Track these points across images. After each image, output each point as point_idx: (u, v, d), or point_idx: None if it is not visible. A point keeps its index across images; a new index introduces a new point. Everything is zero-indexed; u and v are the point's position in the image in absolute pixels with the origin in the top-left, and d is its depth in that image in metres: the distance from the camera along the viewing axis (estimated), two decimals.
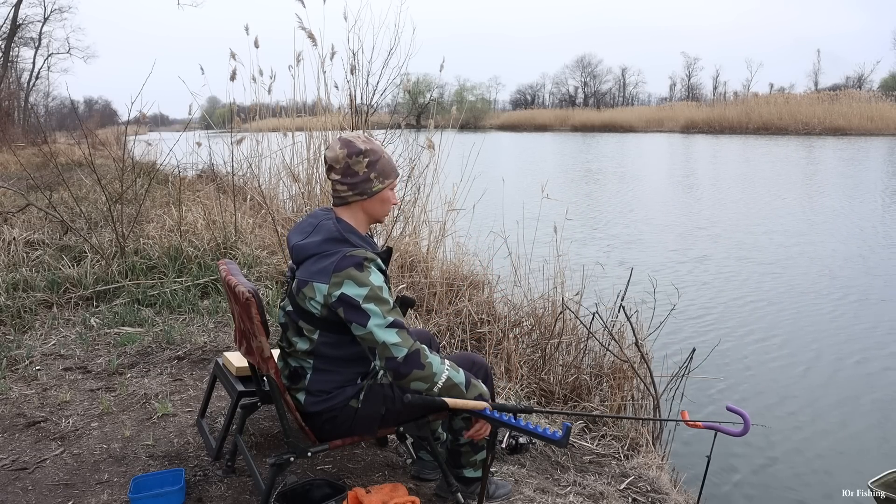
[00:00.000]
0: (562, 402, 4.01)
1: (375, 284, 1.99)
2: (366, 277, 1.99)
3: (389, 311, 1.99)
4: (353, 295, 1.97)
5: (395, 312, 2.01)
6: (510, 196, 7.66)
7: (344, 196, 2.13)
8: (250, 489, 2.48)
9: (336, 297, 1.98)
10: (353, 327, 2.00)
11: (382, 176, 2.13)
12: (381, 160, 2.13)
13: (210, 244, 5.64)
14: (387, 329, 1.96)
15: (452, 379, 2.02)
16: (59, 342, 4.11)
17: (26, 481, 2.56)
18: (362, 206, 2.15)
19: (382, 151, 2.16)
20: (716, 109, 47.32)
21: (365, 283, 1.98)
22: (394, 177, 2.18)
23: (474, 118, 53.85)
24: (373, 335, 1.96)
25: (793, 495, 3.62)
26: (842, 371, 5.20)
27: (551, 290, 4.61)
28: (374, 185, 2.12)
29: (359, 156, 2.10)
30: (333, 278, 1.98)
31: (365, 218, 2.18)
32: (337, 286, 1.98)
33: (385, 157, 2.16)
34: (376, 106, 6.43)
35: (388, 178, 2.15)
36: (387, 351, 1.96)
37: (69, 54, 34.15)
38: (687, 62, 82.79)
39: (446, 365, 2.04)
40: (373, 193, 2.13)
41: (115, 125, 19.26)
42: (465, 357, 2.35)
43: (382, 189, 2.14)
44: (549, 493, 2.62)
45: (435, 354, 2.03)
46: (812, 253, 9.16)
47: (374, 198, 2.14)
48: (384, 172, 2.14)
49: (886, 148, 28.47)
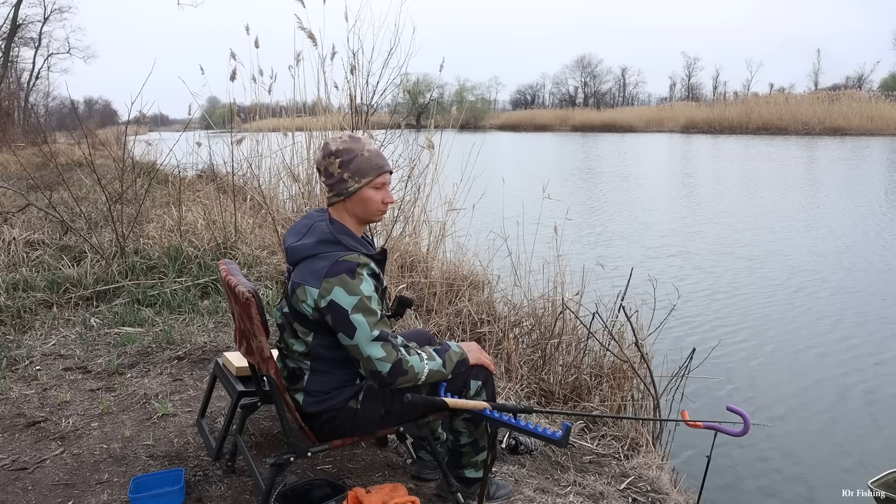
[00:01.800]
0: (562, 402, 4.01)
1: (365, 294, 1.99)
2: (357, 286, 1.98)
3: (376, 322, 1.99)
4: (342, 304, 1.97)
5: (382, 324, 2.01)
6: (510, 196, 7.66)
7: (329, 197, 2.15)
8: (250, 489, 2.48)
9: (326, 304, 1.98)
10: (340, 336, 2.01)
11: (358, 175, 2.09)
12: (357, 159, 2.09)
13: (210, 244, 5.64)
14: (372, 343, 1.97)
15: (432, 369, 2.09)
16: (59, 342, 4.11)
17: (26, 481, 2.56)
18: (345, 207, 2.14)
19: (361, 150, 2.11)
20: (716, 109, 47.33)
21: (355, 292, 1.97)
22: (373, 174, 2.10)
23: (474, 118, 53.83)
24: (358, 349, 1.98)
25: (793, 495, 3.62)
26: (842, 371, 5.20)
27: (551, 290, 4.61)
28: (350, 185, 2.10)
29: (330, 157, 2.10)
30: (324, 283, 1.98)
31: (353, 219, 2.15)
32: (327, 292, 1.97)
33: (362, 155, 2.10)
34: (376, 106, 6.42)
35: (365, 177, 2.10)
36: (371, 364, 1.97)
37: (69, 54, 34.20)
38: (687, 62, 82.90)
39: (425, 360, 2.07)
40: (350, 193, 2.11)
41: (115, 125, 19.30)
42: None
43: (360, 188, 2.10)
44: (549, 493, 2.62)
45: (414, 354, 2.05)
46: (812, 253, 9.16)
47: (353, 198, 2.11)
48: (360, 171, 2.09)
49: (887, 148, 28.46)
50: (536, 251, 4.90)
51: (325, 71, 6.37)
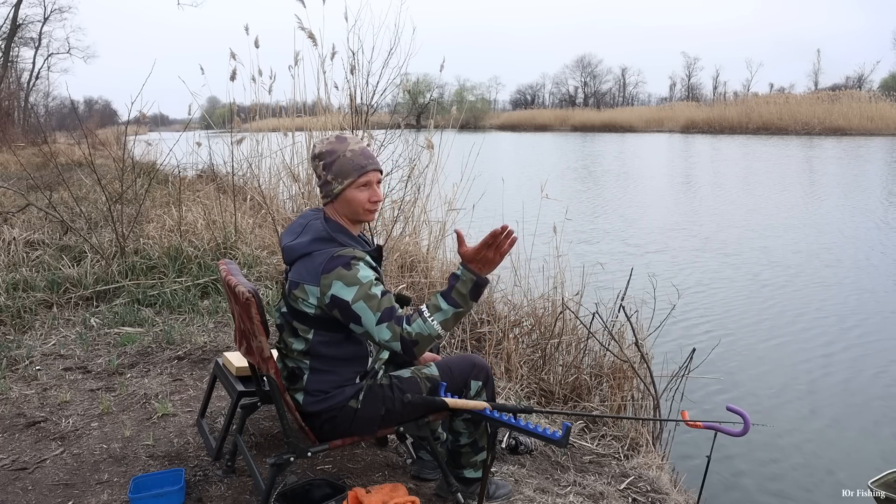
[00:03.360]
0: (562, 402, 4.01)
1: (364, 281, 2.00)
2: (354, 275, 2.00)
3: (378, 304, 1.99)
4: (343, 297, 1.99)
5: (384, 301, 2.00)
6: (510, 196, 7.66)
7: (321, 198, 2.18)
8: (250, 489, 2.48)
9: (329, 300, 2.00)
10: (353, 327, 2.03)
11: (340, 177, 2.10)
12: (338, 161, 2.10)
13: (210, 244, 5.64)
14: (377, 327, 1.98)
15: (445, 318, 1.98)
16: (59, 342, 4.11)
17: (26, 481, 2.56)
18: (334, 209, 2.16)
19: (343, 151, 2.10)
20: (716, 109, 47.31)
21: (354, 282, 1.99)
22: (355, 175, 2.09)
23: (474, 118, 53.79)
24: (370, 335, 2.01)
25: (793, 495, 3.61)
26: (842, 371, 5.20)
27: (551, 290, 4.61)
28: (334, 187, 2.11)
29: (315, 160, 2.15)
30: (323, 280, 2.00)
31: (343, 219, 2.16)
32: (327, 288, 1.99)
33: (344, 156, 2.09)
34: (376, 106, 6.43)
35: (347, 178, 2.09)
36: (385, 346, 2.01)
37: (69, 54, 34.23)
38: (687, 62, 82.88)
39: (430, 318, 1.97)
40: (335, 195, 2.13)
41: (115, 125, 19.30)
42: (465, 358, 2.35)
43: (343, 189, 2.10)
44: (549, 493, 2.62)
45: (416, 319, 1.97)
46: (813, 253, 9.15)
47: (339, 199, 2.13)
48: (342, 173, 2.10)
49: (887, 148, 28.46)
50: (536, 251, 4.89)
51: (325, 71, 6.38)
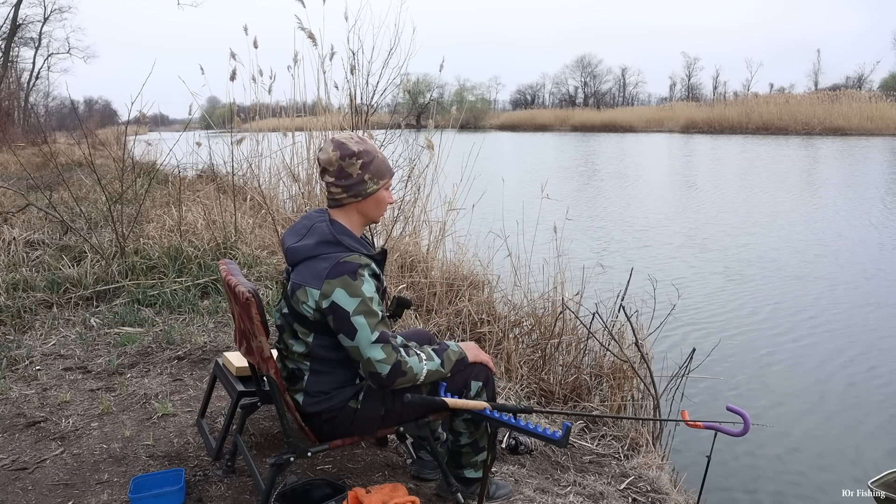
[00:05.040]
0: (562, 402, 4.01)
1: (367, 295, 1.99)
2: (358, 287, 1.98)
3: (377, 324, 1.99)
4: (343, 306, 1.97)
5: (383, 325, 2.02)
6: (510, 196, 7.66)
7: (339, 198, 2.13)
8: (250, 489, 2.48)
9: (327, 305, 1.99)
10: (341, 338, 2.01)
11: (377, 177, 2.12)
12: (375, 160, 2.12)
13: (210, 244, 5.64)
14: (372, 345, 1.97)
15: (431, 369, 2.10)
16: (59, 342, 4.11)
17: (26, 481, 2.56)
18: (357, 208, 2.15)
19: (376, 151, 2.15)
20: (716, 109, 47.29)
21: (357, 294, 1.98)
22: (388, 176, 2.16)
23: (474, 118, 53.81)
24: (359, 350, 1.99)
25: (793, 495, 3.62)
26: (842, 371, 5.20)
27: (551, 290, 4.61)
28: (369, 187, 2.12)
29: (352, 157, 2.09)
30: (325, 284, 1.98)
31: (360, 219, 2.17)
32: (329, 293, 1.98)
33: (379, 157, 2.15)
34: (376, 106, 6.44)
35: (382, 179, 2.14)
36: (371, 366, 1.98)
37: (69, 54, 34.24)
38: (687, 62, 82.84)
39: (423, 361, 2.08)
40: (368, 195, 2.13)
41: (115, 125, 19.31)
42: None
43: (377, 190, 2.14)
44: (549, 493, 2.62)
45: (413, 355, 2.06)
46: (813, 253, 9.16)
47: (369, 199, 2.14)
48: (378, 173, 2.13)
49: (887, 148, 28.46)
50: (536, 251, 4.89)
51: (324, 71, 6.39)
